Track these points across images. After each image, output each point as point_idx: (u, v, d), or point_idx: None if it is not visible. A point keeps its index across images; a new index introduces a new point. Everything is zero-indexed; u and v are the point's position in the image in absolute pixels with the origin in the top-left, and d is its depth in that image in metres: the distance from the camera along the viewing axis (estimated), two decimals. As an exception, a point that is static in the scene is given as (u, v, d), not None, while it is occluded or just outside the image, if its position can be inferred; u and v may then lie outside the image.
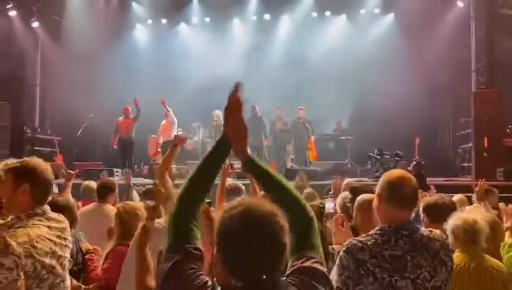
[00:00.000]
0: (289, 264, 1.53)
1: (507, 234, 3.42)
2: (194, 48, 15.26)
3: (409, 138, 12.47)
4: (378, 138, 12.24)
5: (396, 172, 2.49)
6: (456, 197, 5.36)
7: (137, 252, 2.48)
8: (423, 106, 13.74)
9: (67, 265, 2.33)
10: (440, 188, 8.85)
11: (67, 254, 2.32)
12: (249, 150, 1.70)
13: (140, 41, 15.78)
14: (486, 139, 10.49)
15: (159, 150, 12.16)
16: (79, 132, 13.03)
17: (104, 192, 4.86)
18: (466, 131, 12.77)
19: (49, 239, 2.22)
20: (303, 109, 12.44)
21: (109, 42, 14.47)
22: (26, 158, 2.44)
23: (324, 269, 1.55)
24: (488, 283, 2.98)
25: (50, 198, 2.46)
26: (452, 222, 3.11)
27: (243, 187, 5.10)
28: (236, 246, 1.40)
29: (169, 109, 12.22)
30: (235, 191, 4.76)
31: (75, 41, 14.30)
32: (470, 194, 5.90)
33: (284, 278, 1.47)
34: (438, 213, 3.61)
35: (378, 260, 2.21)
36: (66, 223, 2.37)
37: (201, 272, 1.47)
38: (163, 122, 12.48)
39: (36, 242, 2.15)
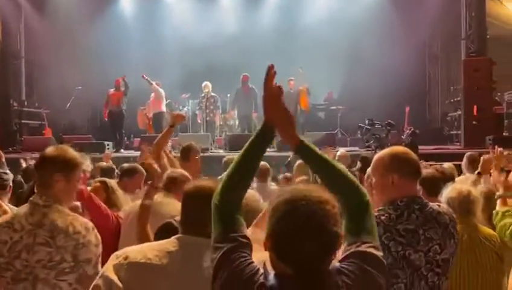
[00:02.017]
0: (343, 248, 1.50)
1: (499, 202, 3.47)
2: (181, 17, 15.00)
3: (399, 108, 12.52)
4: (368, 108, 12.25)
5: (397, 148, 2.50)
6: (446, 166, 5.45)
7: (139, 231, 2.49)
8: (414, 75, 13.73)
9: None
10: (430, 157, 8.97)
11: None
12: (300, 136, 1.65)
13: (127, 11, 15.44)
14: (475, 107, 10.56)
15: (150, 123, 12.09)
16: (68, 105, 12.87)
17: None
18: (455, 99, 12.84)
19: None
20: (293, 80, 12.38)
21: (95, 12, 14.18)
22: None
23: (380, 254, 1.52)
24: (482, 252, 3.05)
25: None
26: (447, 193, 3.16)
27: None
28: (285, 233, 1.38)
29: (152, 82, 12.06)
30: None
31: (59, 12, 13.98)
32: (458, 162, 5.98)
33: (338, 263, 1.45)
34: (435, 186, 3.67)
35: (393, 234, 2.24)
36: None
37: (252, 260, 1.46)
38: (152, 94, 12.37)
39: None
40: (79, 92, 13.20)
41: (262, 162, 4.41)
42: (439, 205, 2.44)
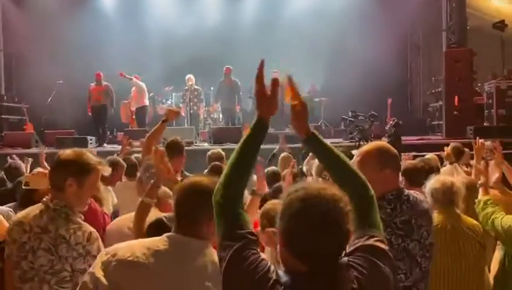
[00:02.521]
0: (350, 242, 1.51)
1: (480, 191, 3.53)
2: (163, 10, 14.84)
3: (381, 99, 12.60)
4: (351, 100, 12.31)
5: (381, 143, 2.57)
6: (428, 156, 5.53)
7: (137, 229, 2.48)
8: (395, 66, 13.84)
9: None
10: (412, 147, 9.07)
11: None
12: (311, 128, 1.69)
13: (108, 3, 15.16)
14: (457, 97, 10.69)
15: (133, 117, 11.97)
16: (49, 99, 12.68)
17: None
18: (437, 90, 12.98)
19: None
20: (277, 72, 12.34)
21: (75, 4, 13.96)
22: None
23: (386, 247, 1.55)
24: (465, 242, 3.11)
25: None
26: (431, 184, 3.20)
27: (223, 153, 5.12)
28: (300, 231, 1.38)
29: (130, 77, 11.94)
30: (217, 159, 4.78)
31: (38, 4, 13.72)
32: (440, 153, 6.06)
33: (346, 258, 1.47)
34: (417, 176, 3.73)
35: (393, 229, 2.32)
36: None
37: (263, 257, 1.46)
38: (133, 89, 12.24)
39: None
40: (60, 86, 12.99)
41: (218, 163, 4.40)
42: (417, 193, 2.55)
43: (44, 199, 2.37)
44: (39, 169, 3.93)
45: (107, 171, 2.49)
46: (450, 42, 12.26)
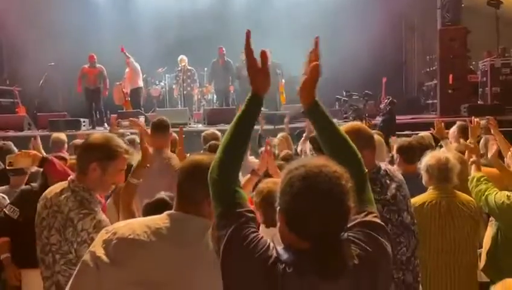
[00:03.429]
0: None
1: (472, 168, 3.54)
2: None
3: (376, 79, 12.56)
4: (345, 80, 12.24)
5: (351, 124, 2.63)
6: (422, 134, 5.53)
7: (123, 208, 2.46)
8: (390, 46, 13.77)
9: None
10: (405, 126, 9.08)
11: None
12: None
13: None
14: (451, 76, 10.68)
15: (128, 99, 11.87)
16: (41, 82, 12.53)
17: None
18: (431, 68, 12.94)
19: None
20: (270, 51, 12.24)
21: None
22: None
23: (383, 223, 1.55)
24: (459, 218, 3.12)
25: None
26: (426, 161, 3.21)
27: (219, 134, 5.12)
28: (304, 210, 1.37)
29: (129, 56, 11.78)
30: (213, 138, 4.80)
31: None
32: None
33: (345, 233, 1.46)
34: (412, 154, 3.74)
35: (389, 206, 2.38)
36: None
37: (262, 235, 1.44)
38: (127, 70, 12.11)
39: None
40: (51, 68, 12.85)
41: (215, 142, 4.43)
42: (385, 165, 2.65)
43: (69, 178, 2.36)
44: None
45: (135, 160, 2.47)
46: (444, 20, 12.17)
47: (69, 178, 2.36)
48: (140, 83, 12.20)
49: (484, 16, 11.54)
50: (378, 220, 1.54)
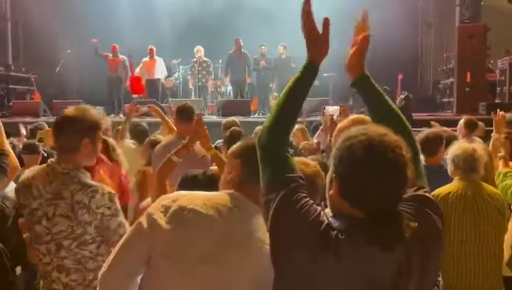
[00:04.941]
0: None
1: (500, 163, 3.52)
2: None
3: (391, 75, 12.47)
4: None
5: (353, 117, 2.58)
6: (432, 129, 5.47)
7: (157, 182, 2.48)
8: (406, 42, 13.66)
9: None
10: (422, 123, 8.99)
11: None
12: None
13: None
14: (469, 73, 10.56)
15: (144, 89, 11.92)
16: (57, 69, 12.59)
17: None
18: (448, 66, 12.82)
19: None
20: (284, 46, 12.22)
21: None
22: None
23: (434, 200, 1.52)
24: (484, 209, 3.08)
25: None
26: (452, 151, 3.17)
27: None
28: (359, 176, 1.34)
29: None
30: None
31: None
32: (453, 128, 6.00)
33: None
34: (431, 146, 3.72)
35: None
36: None
37: (312, 201, 1.41)
38: (146, 59, 12.12)
39: None
40: (68, 56, 12.92)
41: (236, 128, 4.41)
42: None
43: (49, 161, 2.28)
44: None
45: (106, 122, 2.45)
46: (463, 18, 12.06)
47: (50, 161, 2.27)
48: (159, 75, 12.24)
49: (504, 13, 11.42)
50: (430, 196, 1.51)
